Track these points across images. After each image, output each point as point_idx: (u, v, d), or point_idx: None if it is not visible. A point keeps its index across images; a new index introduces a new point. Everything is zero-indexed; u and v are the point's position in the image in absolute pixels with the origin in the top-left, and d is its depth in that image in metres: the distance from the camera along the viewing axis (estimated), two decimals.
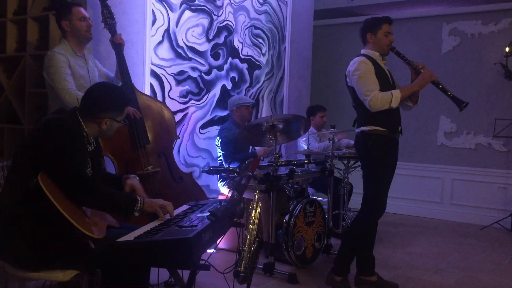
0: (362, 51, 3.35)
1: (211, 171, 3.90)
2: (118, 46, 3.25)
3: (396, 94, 3.18)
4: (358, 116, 3.34)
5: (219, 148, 4.31)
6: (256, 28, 5.04)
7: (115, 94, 2.32)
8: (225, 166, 4.18)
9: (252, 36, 5.01)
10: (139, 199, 2.21)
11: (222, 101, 4.66)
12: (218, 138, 4.32)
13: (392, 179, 3.35)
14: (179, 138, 3.72)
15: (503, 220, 5.49)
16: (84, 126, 2.24)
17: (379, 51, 3.31)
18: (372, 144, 3.22)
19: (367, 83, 3.16)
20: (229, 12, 4.70)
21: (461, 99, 3.17)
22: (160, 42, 4.03)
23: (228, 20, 4.69)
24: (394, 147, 3.32)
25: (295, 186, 4.06)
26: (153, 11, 3.94)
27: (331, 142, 4.18)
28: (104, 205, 2.17)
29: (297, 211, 3.74)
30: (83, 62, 3.16)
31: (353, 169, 4.78)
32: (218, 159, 4.40)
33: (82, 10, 3.13)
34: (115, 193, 2.23)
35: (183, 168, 4.10)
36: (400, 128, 3.34)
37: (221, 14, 4.60)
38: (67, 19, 3.09)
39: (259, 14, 5.07)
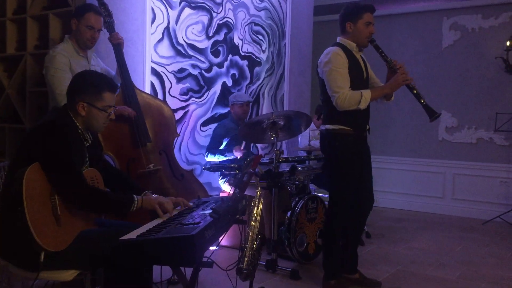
0: (338, 39, 3.17)
1: (213, 168, 3.91)
2: (116, 45, 3.23)
3: (366, 95, 3.00)
4: (324, 112, 3.23)
5: None
6: (256, 24, 5.03)
7: (90, 76, 2.28)
8: (205, 158, 4.28)
9: (252, 33, 5.00)
10: (136, 198, 2.20)
11: (223, 98, 4.65)
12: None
13: (367, 175, 3.26)
14: (179, 135, 3.72)
15: (505, 214, 5.49)
16: (76, 122, 2.22)
17: (357, 42, 3.12)
18: (338, 146, 3.11)
19: (338, 78, 3.00)
20: (229, 9, 4.69)
21: (434, 110, 2.96)
22: (160, 40, 4.03)
23: (227, 17, 4.68)
24: (362, 146, 3.20)
25: (297, 182, 4.06)
26: (152, 8, 3.94)
27: None
28: (100, 207, 2.17)
29: (299, 207, 3.74)
30: (85, 61, 3.14)
31: None
32: None
33: (94, 19, 3.06)
34: (111, 195, 2.22)
35: (185, 166, 4.10)
36: (368, 127, 3.22)
37: (220, 11, 4.60)
38: (77, 19, 3.07)
39: (259, 11, 5.06)
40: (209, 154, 4.28)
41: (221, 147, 4.30)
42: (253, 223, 2.34)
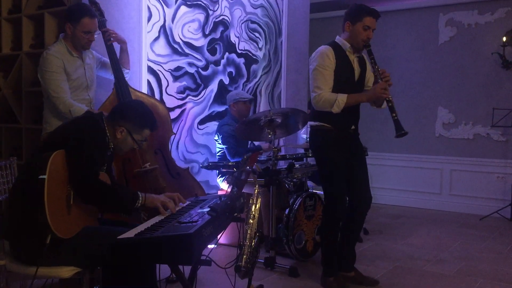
0: (336, 38, 3.21)
1: (210, 166, 3.90)
2: (109, 45, 3.21)
3: (341, 100, 3.03)
4: (311, 108, 3.27)
5: (219, 143, 4.29)
6: (252, 22, 5.03)
7: (143, 111, 2.42)
8: (229, 160, 4.16)
9: (249, 31, 4.99)
10: (141, 195, 2.25)
11: (220, 96, 4.65)
12: (217, 134, 4.30)
13: (361, 173, 3.26)
14: (174, 134, 3.71)
15: (503, 209, 5.51)
16: (107, 131, 2.33)
17: (352, 43, 3.14)
18: (319, 141, 3.17)
19: (319, 78, 3.05)
20: (225, 6, 4.68)
21: (402, 126, 3.02)
22: (156, 38, 4.02)
23: (224, 15, 4.67)
24: (347, 143, 3.21)
25: (295, 180, 4.06)
26: (148, 7, 3.92)
27: None
28: (107, 200, 2.19)
29: (297, 205, 3.75)
30: (79, 61, 3.14)
31: None
32: (217, 154, 4.39)
33: (90, 23, 3.03)
34: (117, 189, 2.29)
35: (182, 164, 4.10)
36: (353, 127, 3.23)
37: (217, 9, 4.58)
38: (72, 25, 3.03)
39: (255, 8, 5.05)
40: (236, 155, 4.12)
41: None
42: (251, 221, 2.34)
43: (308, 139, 4.63)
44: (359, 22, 3.10)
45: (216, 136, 4.32)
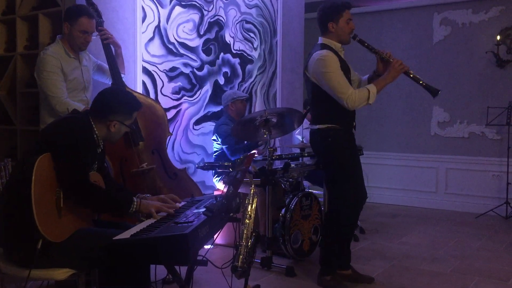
0: (321, 40, 3.20)
1: (206, 167, 3.89)
2: (106, 45, 3.23)
3: (372, 90, 3.06)
4: (315, 113, 3.27)
5: (218, 144, 4.28)
6: (247, 22, 5.02)
7: (126, 97, 2.41)
8: (230, 158, 4.16)
9: (244, 31, 4.99)
10: (135, 200, 2.23)
11: (215, 97, 4.64)
12: (216, 135, 4.28)
13: (359, 169, 3.28)
14: (171, 134, 3.71)
15: (498, 207, 5.53)
16: (95, 128, 2.30)
17: (340, 40, 3.17)
18: (331, 142, 3.17)
19: (339, 81, 3.05)
20: (220, 7, 4.67)
21: (434, 87, 3.07)
22: (151, 39, 4.01)
23: (219, 15, 4.67)
24: (352, 140, 3.27)
25: (291, 179, 4.06)
26: (143, 7, 3.91)
27: None
28: (101, 205, 2.19)
29: (293, 204, 3.75)
30: (77, 63, 3.14)
31: None
32: (214, 155, 4.39)
33: (88, 23, 3.05)
34: (112, 193, 2.27)
35: (178, 165, 4.09)
36: (354, 124, 3.27)
37: (211, 9, 4.58)
38: (70, 23, 3.05)
39: (250, 8, 5.05)
40: (236, 152, 4.14)
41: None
42: (248, 221, 2.34)
43: (303, 139, 4.65)
44: (341, 18, 3.12)
45: (215, 136, 4.31)
